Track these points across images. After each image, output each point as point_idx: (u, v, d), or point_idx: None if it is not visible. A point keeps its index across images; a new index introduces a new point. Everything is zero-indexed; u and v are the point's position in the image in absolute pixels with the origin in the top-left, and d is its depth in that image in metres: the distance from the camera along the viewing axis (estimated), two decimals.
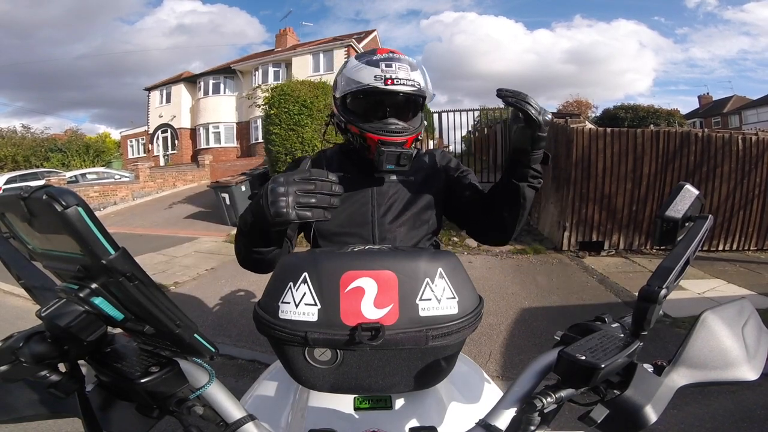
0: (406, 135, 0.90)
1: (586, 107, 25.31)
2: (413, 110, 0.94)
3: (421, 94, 0.89)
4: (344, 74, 0.92)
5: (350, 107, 0.93)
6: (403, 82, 0.86)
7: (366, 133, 0.89)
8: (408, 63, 0.89)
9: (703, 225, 0.47)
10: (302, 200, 0.61)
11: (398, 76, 0.85)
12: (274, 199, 0.61)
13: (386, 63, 0.87)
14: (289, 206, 0.61)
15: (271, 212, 0.61)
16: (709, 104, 29.16)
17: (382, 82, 0.85)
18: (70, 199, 0.32)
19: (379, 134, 0.88)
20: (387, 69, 0.86)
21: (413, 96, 0.89)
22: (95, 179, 12.99)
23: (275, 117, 6.61)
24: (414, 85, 0.87)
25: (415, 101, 0.92)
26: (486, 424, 0.42)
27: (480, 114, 8.83)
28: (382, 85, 0.85)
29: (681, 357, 0.42)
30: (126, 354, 0.45)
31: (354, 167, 0.98)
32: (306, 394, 0.66)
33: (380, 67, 0.86)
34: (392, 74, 0.85)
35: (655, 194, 4.81)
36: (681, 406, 1.97)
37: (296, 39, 20.16)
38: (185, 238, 6.60)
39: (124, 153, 22.02)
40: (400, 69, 0.86)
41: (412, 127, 0.92)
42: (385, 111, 0.90)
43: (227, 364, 2.63)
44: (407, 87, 0.86)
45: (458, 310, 0.53)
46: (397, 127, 0.89)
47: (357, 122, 0.90)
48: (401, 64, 0.87)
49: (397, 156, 0.87)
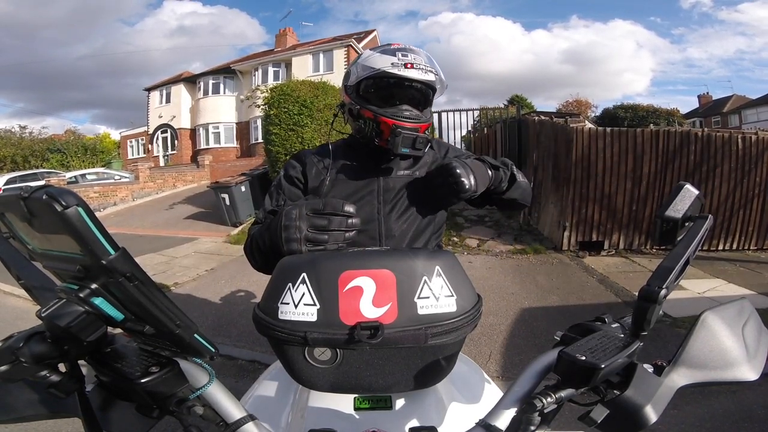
0: (419, 122, 0.91)
1: (586, 107, 25.30)
2: (424, 102, 0.95)
3: (437, 83, 0.91)
4: (359, 63, 0.93)
5: (364, 94, 0.94)
6: (422, 67, 0.87)
7: (380, 117, 0.89)
8: (425, 54, 0.91)
9: (703, 225, 0.47)
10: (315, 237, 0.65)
11: (416, 62, 0.87)
12: (288, 237, 0.65)
13: (402, 52, 0.89)
14: (301, 244, 0.65)
15: (284, 249, 0.66)
16: (709, 104, 29.15)
17: (400, 67, 0.86)
18: (70, 199, 0.32)
19: (394, 118, 0.89)
20: (403, 57, 0.87)
21: (426, 86, 0.91)
22: (95, 180, 12.99)
23: (275, 117, 6.61)
24: (431, 71, 0.89)
25: (426, 93, 0.94)
26: (486, 424, 0.42)
27: (480, 114, 8.83)
28: (400, 70, 0.86)
29: (681, 357, 0.42)
30: (126, 354, 0.45)
31: (360, 161, 0.98)
32: (306, 394, 0.66)
33: (396, 55, 0.88)
34: (410, 60, 0.87)
35: (655, 194, 4.81)
36: (681, 406, 1.97)
37: (296, 39, 20.16)
38: (185, 238, 6.60)
39: (124, 153, 22.00)
40: (418, 56, 0.88)
41: (424, 117, 0.93)
42: (398, 99, 0.91)
43: (227, 365, 2.63)
44: (426, 74, 0.88)
45: (457, 308, 0.53)
46: (412, 114, 0.91)
47: (373, 108, 0.91)
48: (416, 55, 0.89)
49: (413, 139, 0.88)
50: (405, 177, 0.98)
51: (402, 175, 0.98)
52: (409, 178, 0.98)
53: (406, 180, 0.98)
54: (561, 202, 5.01)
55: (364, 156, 0.98)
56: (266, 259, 0.79)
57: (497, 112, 8.25)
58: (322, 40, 18.22)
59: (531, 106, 16.02)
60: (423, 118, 0.92)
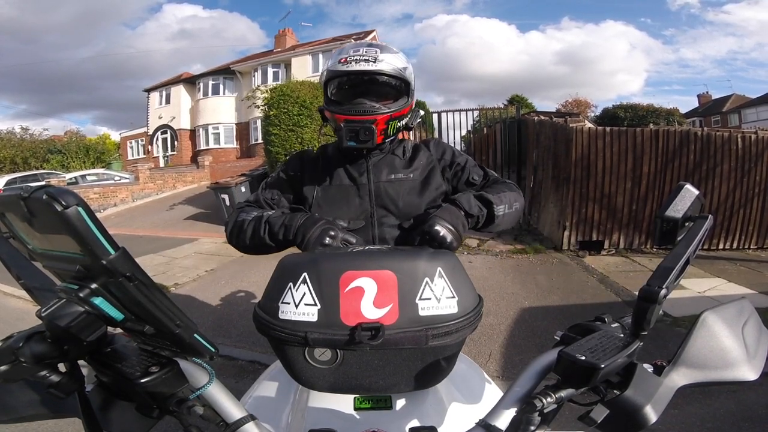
0: (374, 114, 0.89)
1: (586, 107, 25.28)
2: (392, 94, 0.93)
3: (384, 73, 0.88)
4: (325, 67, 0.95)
5: (331, 96, 0.95)
6: (359, 59, 0.87)
7: (335, 115, 0.91)
8: (379, 47, 0.90)
9: (703, 225, 0.47)
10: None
11: (358, 57, 0.87)
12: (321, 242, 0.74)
13: (354, 48, 0.89)
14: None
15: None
16: (709, 103, 29.14)
17: (343, 64, 0.87)
18: (70, 199, 0.32)
19: (344, 114, 0.89)
20: (354, 53, 0.87)
21: (383, 76, 0.89)
22: (95, 181, 12.99)
23: (275, 118, 6.61)
24: (373, 62, 0.86)
25: (390, 84, 0.91)
26: (486, 424, 0.42)
27: (479, 114, 8.82)
28: (340, 67, 0.87)
29: (681, 357, 0.42)
30: (126, 354, 0.44)
31: (352, 164, 0.97)
32: (306, 394, 0.66)
33: (348, 52, 0.88)
34: (352, 56, 0.87)
35: (655, 193, 4.81)
36: (681, 406, 1.97)
37: (295, 39, 20.16)
38: (185, 239, 6.59)
39: (124, 154, 21.99)
40: (367, 52, 0.88)
41: (386, 108, 0.90)
42: (356, 93, 0.91)
43: (227, 365, 2.63)
44: (364, 66, 0.86)
45: (458, 310, 0.53)
46: (364, 107, 0.89)
47: (331, 107, 0.92)
48: (369, 48, 0.88)
49: (356, 131, 0.87)
50: (398, 180, 0.96)
51: (395, 179, 0.95)
52: (403, 180, 0.96)
53: (399, 183, 0.95)
54: (561, 202, 5.01)
55: (354, 158, 0.97)
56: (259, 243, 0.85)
57: (497, 112, 8.24)
58: (322, 41, 18.23)
59: (531, 106, 16.00)
60: (382, 109, 0.89)
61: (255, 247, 0.87)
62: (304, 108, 6.54)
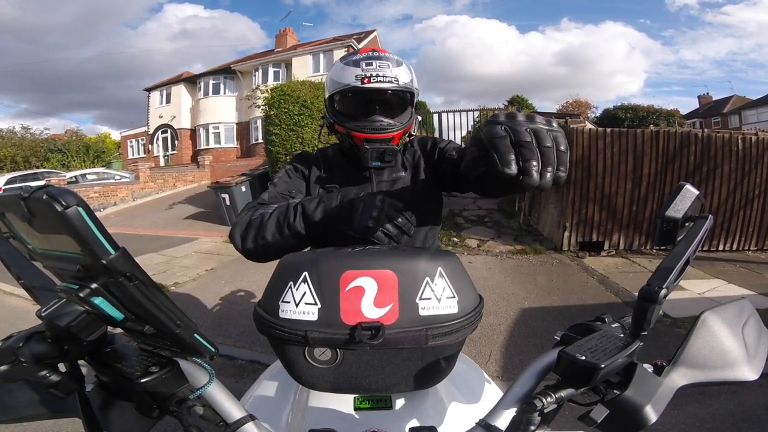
0: (392, 131, 0.90)
1: (586, 107, 25.24)
2: (400, 106, 0.93)
3: (401, 89, 0.89)
4: (329, 77, 0.93)
5: (338, 107, 0.93)
6: (380, 79, 0.86)
7: (352, 132, 0.89)
8: (389, 60, 0.88)
9: (703, 225, 0.47)
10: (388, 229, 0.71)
11: (377, 74, 0.86)
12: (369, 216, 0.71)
13: (366, 62, 0.87)
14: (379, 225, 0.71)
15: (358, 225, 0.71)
16: (709, 104, 29.13)
17: (360, 81, 0.86)
18: (70, 199, 0.32)
19: (364, 132, 0.88)
20: (367, 68, 0.86)
21: (398, 92, 0.89)
22: (95, 180, 12.98)
23: (275, 117, 6.61)
24: (392, 81, 0.87)
25: (401, 97, 0.91)
26: (486, 424, 0.42)
27: (480, 114, 8.83)
28: (360, 84, 0.86)
29: (681, 357, 0.42)
30: (126, 354, 0.44)
31: (352, 167, 0.98)
32: (306, 394, 0.66)
33: (360, 66, 0.87)
34: (371, 72, 0.86)
35: (655, 194, 4.81)
36: (681, 406, 1.97)
37: (296, 39, 20.14)
38: (185, 238, 6.59)
39: (124, 153, 22.00)
40: (381, 67, 0.87)
41: (399, 123, 0.91)
42: (370, 109, 0.90)
43: (227, 365, 2.63)
44: (385, 84, 0.86)
45: (458, 310, 0.53)
46: (383, 125, 0.89)
47: (344, 122, 0.91)
48: (382, 62, 0.87)
49: (382, 152, 0.87)
50: (397, 179, 0.97)
51: (394, 178, 0.97)
52: (402, 179, 0.98)
53: (396, 183, 0.97)
54: (561, 203, 5.01)
55: (354, 161, 0.97)
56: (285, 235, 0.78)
57: (497, 113, 8.24)
58: (323, 41, 18.22)
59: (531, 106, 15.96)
60: (397, 126, 0.91)
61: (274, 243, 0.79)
62: (305, 108, 6.54)
